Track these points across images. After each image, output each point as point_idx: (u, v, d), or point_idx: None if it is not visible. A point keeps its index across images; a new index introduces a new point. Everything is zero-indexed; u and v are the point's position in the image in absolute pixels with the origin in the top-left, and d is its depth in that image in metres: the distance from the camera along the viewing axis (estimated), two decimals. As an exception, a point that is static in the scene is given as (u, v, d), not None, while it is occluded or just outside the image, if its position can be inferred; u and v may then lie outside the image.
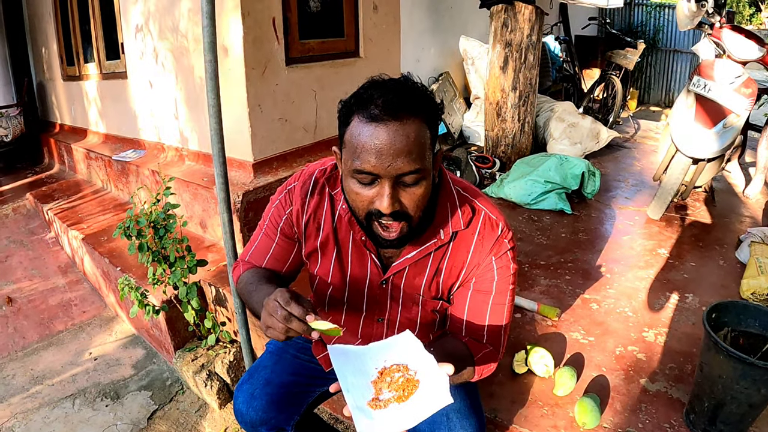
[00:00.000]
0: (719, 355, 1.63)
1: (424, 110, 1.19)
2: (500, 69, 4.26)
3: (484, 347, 1.44)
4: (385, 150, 1.14)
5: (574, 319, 2.48)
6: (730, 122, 3.16)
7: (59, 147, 5.95)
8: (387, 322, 1.59)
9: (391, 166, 1.15)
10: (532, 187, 3.76)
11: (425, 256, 1.42)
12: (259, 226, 1.62)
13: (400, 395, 1.09)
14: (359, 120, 1.17)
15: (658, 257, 3.04)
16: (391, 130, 1.14)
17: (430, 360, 1.10)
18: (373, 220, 1.24)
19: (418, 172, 1.18)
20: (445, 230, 1.39)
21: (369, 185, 1.20)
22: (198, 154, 3.80)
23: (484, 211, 1.42)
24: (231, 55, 3.11)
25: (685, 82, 9.82)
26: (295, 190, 1.49)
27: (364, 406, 1.08)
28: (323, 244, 1.50)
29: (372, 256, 1.45)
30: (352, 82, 3.91)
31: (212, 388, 2.71)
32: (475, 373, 1.41)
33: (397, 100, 1.15)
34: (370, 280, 1.49)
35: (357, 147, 1.17)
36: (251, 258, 1.61)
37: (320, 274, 1.54)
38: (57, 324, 3.59)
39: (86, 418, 2.75)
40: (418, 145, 1.16)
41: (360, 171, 1.17)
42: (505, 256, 1.41)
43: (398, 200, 1.20)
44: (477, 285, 1.44)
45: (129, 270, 3.20)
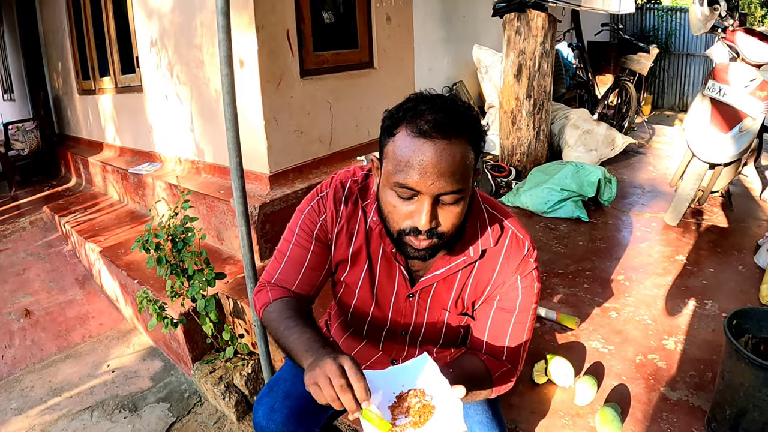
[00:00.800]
0: (741, 363, 1.61)
1: (471, 131, 1.18)
2: (514, 77, 4.25)
3: (502, 365, 1.43)
4: (430, 168, 1.12)
5: (593, 327, 2.46)
6: (746, 126, 3.13)
7: (75, 160, 6.00)
8: (410, 335, 1.58)
9: (434, 184, 1.13)
10: (549, 195, 3.75)
11: (454, 273, 1.42)
12: (284, 239, 1.54)
13: (416, 421, 1.09)
14: (406, 133, 1.15)
15: (676, 264, 3.01)
16: (438, 148, 1.12)
17: (445, 385, 1.10)
18: (407, 235, 1.23)
19: (459, 193, 1.17)
20: (474, 248, 1.39)
21: (407, 200, 1.18)
22: (214, 167, 3.83)
23: (511, 230, 1.42)
24: (246, 68, 3.13)
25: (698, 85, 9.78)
26: (328, 197, 1.46)
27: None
28: (355, 254, 1.48)
29: (401, 269, 1.44)
30: (367, 93, 4.00)
31: (230, 400, 2.71)
32: (493, 391, 1.41)
33: (447, 119, 1.13)
34: (397, 293, 1.48)
35: (401, 160, 1.15)
36: (280, 278, 1.52)
37: (348, 282, 1.52)
38: (75, 336, 3.61)
39: (105, 430, 2.76)
40: (462, 165, 1.15)
41: (402, 185, 1.15)
42: (530, 275, 1.41)
43: (435, 218, 1.19)
44: (501, 303, 1.43)
45: (146, 282, 3.22)
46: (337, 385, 1.04)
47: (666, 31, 10.14)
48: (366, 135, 4.12)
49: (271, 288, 1.51)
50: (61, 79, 6.41)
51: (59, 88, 6.55)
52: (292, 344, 1.30)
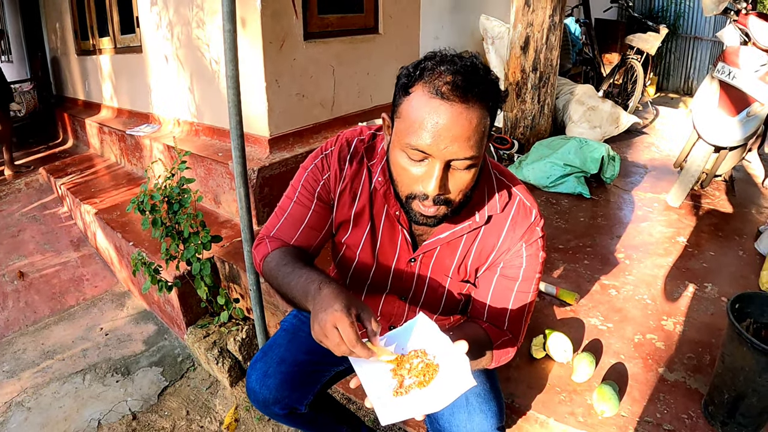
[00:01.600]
0: (743, 347, 1.59)
1: (490, 96, 1.13)
2: (521, 49, 4.19)
3: (503, 334, 1.41)
4: (445, 132, 1.08)
5: (592, 304, 2.45)
6: (754, 111, 3.09)
7: (73, 122, 5.95)
8: (410, 300, 1.56)
9: (447, 149, 1.09)
10: (551, 169, 3.72)
11: (458, 237, 1.39)
12: (286, 196, 1.51)
13: (421, 381, 1.07)
14: (423, 93, 1.10)
15: (677, 245, 2.99)
16: (455, 111, 1.07)
17: (446, 342, 1.08)
18: (415, 200, 1.19)
19: (471, 159, 1.13)
20: (480, 213, 1.36)
21: (418, 162, 1.15)
22: (213, 129, 3.78)
23: (519, 196, 1.39)
24: (249, 28, 3.08)
25: (705, 69, 9.71)
26: (333, 155, 1.43)
27: (385, 395, 1.06)
28: (357, 215, 1.45)
29: (404, 232, 1.41)
30: (370, 59, 3.95)
31: (224, 365, 2.70)
32: (493, 360, 1.40)
33: (467, 82, 1.08)
34: (399, 257, 1.46)
35: (416, 121, 1.10)
36: (279, 232, 1.50)
37: (349, 244, 1.50)
38: (68, 299, 3.59)
39: (96, 394, 2.75)
40: (478, 132, 1.11)
41: (414, 147, 1.11)
42: (535, 244, 1.39)
43: (445, 185, 1.15)
44: (504, 270, 1.41)
45: (142, 245, 3.19)
46: (341, 350, 1.06)
47: (675, 13, 10.02)
48: (368, 101, 4.07)
49: (270, 240, 1.50)
50: (59, 40, 6.33)
51: (57, 48, 6.47)
52: (292, 290, 1.29)
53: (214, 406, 2.66)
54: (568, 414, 1.82)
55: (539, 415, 1.83)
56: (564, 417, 1.81)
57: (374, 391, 1.06)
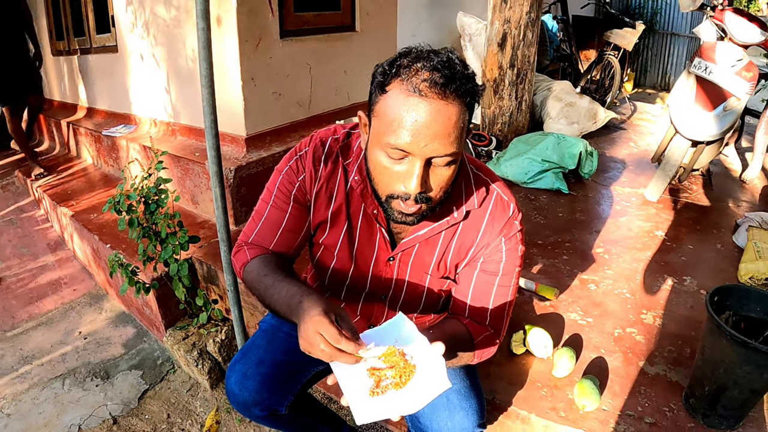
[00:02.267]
0: (722, 339, 1.60)
1: (468, 92, 1.11)
2: (498, 46, 4.19)
3: (485, 329, 1.41)
4: (424, 130, 1.07)
5: (572, 299, 2.45)
6: (730, 105, 3.13)
7: (49, 123, 5.87)
8: (390, 299, 1.55)
9: (427, 146, 1.08)
10: (529, 165, 3.73)
11: (436, 234, 1.39)
12: (262, 200, 1.49)
13: (398, 382, 1.07)
14: (400, 91, 1.08)
15: (656, 239, 3.02)
16: (434, 109, 1.06)
17: (424, 343, 1.08)
18: (395, 199, 1.18)
19: (451, 156, 1.12)
20: (458, 209, 1.36)
21: (398, 161, 1.13)
22: (189, 129, 3.75)
23: (496, 191, 1.39)
24: (224, 26, 3.05)
25: (681, 65, 9.80)
26: (307, 156, 1.41)
27: (361, 394, 1.06)
28: (334, 215, 1.44)
29: (382, 231, 1.41)
30: (348, 57, 3.93)
31: (204, 367, 2.67)
32: (476, 356, 1.39)
33: (444, 78, 1.07)
34: (377, 256, 1.45)
35: (394, 120, 1.09)
36: (258, 238, 1.49)
37: (326, 245, 1.48)
38: (46, 303, 3.54)
39: (76, 399, 2.71)
40: (457, 128, 1.10)
41: (393, 146, 1.10)
42: (514, 238, 1.39)
43: (426, 182, 1.14)
44: (484, 265, 1.41)
45: (119, 247, 3.15)
46: (327, 356, 1.05)
47: (651, 9, 10.10)
48: (345, 99, 4.05)
49: (249, 247, 1.49)
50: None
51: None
52: (274, 303, 1.30)
53: (195, 408, 2.63)
54: (550, 409, 1.82)
55: (521, 411, 1.83)
56: (545, 412, 1.81)
57: (350, 389, 1.06)
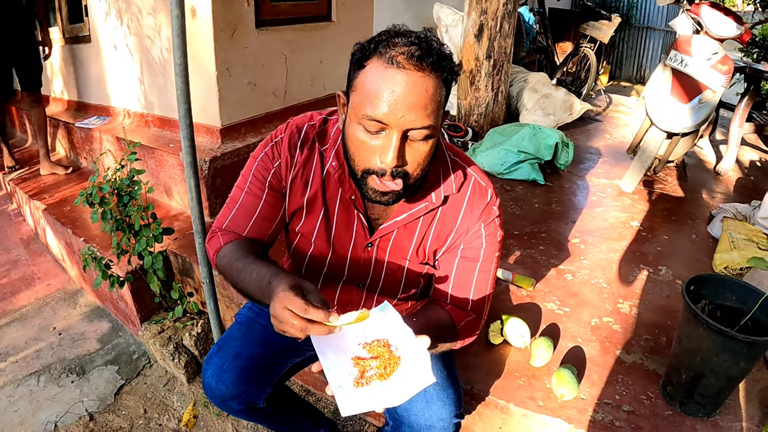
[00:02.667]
0: (699, 328, 1.62)
1: (444, 68, 1.13)
2: (475, 37, 4.19)
3: (467, 315, 1.41)
4: (402, 100, 1.08)
5: (548, 289, 2.47)
6: (705, 98, 3.16)
7: (20, 115, 5.75)
8: (368, 287, 1.55)
9: (404, 117, 1.09)
10: (506, 156, 3.73)
11: (415, 219, 1.39)
12: (237, 186, 1.49)
13: (382, 373, 1.07)
14: (378, 64, 1.10)
15: (631, 230, 3.04)
16: (411, 80, 1.07)
17: (409, 334, 1.07)
18: (371, 175, 1.18)
19: (428, 129, 1.12)
20: (436, 193, 1.36)
21: (375, 134, 1.13)
22: (163, 120, 3.70)
23: (474, 176, 1.40)
24: (199, 16, 3.00)
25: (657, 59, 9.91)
26: (283, 143, 1.40)
27: (346, 385, 1.06)
28: (310, 202, 1.43)
29: (360, 216, 1.40)
30: (324, 47, 3.90)
31: (180, 361, 2.64)
32: (458, 341, 1.39)
33: (422, 51, 1.08)
34: (355, 242, 1.44)
35: (371, 92, 1.10)
36: (231, 224, 1.48)
37: (303, 233, 1.47)
38: (20, 298, 3.47)
39: (52, 396, 2.66)
40: (434, 100, 1.11)
41: (370, 118, 1.10)
42: (493, 223, 1.39)
43: (402, 156, 1.14)
44: (465, 252, 1.41)
45: (93, 241, 3.10)
46: (299, 328, 1.02)
47: (628, 3, 10.18)
48: (321, 90, 4.02)
49: (222, 233, 1.47)
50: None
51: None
52: (246, 286, 1.29)
53: (172, 403, 2.60)
54: (528, 398, 1.83)
55: (499, 401, 1.84)
56: (524, 401, 1.82)
57: (335, 378, 1.05)
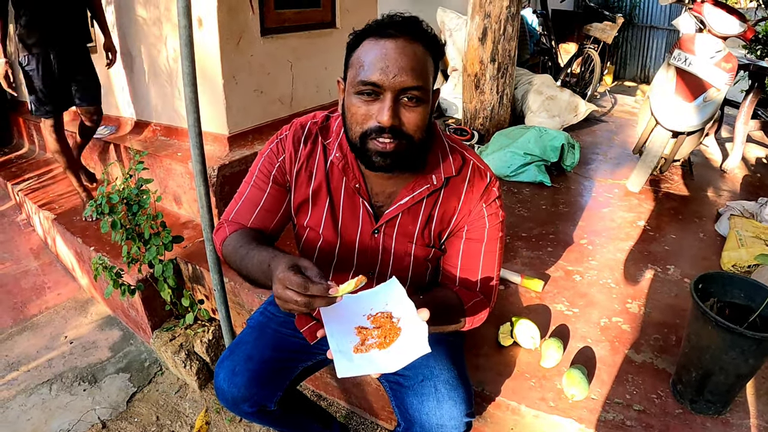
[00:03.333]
0: (708, 326, 1.62)
1: (430, 41, 1.25)
2: (479, 40, 4.20)
3: (475, 295, 1.45)
4: (392, 62, 1.18)
5: (557, 290, 2.47)
6: (710, 96, 3.16)
7: (28, 126, 5.78)
8: (377, 275, 1.56)
9: (396, 77, 1.18)
10: (512, 159, 3.74)
11: (418, 202, 1.43)
12: (245, 181, 1.57)
13: (382, 342, 1.14)
14: (371, 39, 1.23)
15: (638, 229, 3.04)
16: (399, 45, 1.20)
17: (411, 308, 1.13)
18: (370, 137, 1.24)
19: (420, 90, 1.21)
20: (437, 176, 1.41)
21: (371, 100, 1.22)
22: (171, 129, 3.73)
23: (472, 160, 1.46)
24: (205, 25, 3.03)
25: (660, 58, 9.88)
26: (287, 139, 1.48)
27: (345, 350, 1.13)
28: (315, 193, 1.48)
29: (365, 204, 1.44)
30: (328, 54, 3.92)
31: (192, 368, 2.66)
32: (467, 321, 1.43)
33: (410, 23, 1.23)
34: (362, 230, 1.48)
35: (365, 61, 1.21)
36: (237, 216, 1.54)
37: (311, 225, 1.52)
38: (31, 308, 3.50)
39: (64, 404, 2.68)
40: (423, 63, 1.22)
41: (365, 82, 1.20)
42: (494, 204, 1.45)
43: (398, 116, 1.22)
44: (469, 233, 1.46)
45: (103, 249, 3.11)
46: (302, 304, 1.05)
47: (630, 3, 10.17)
48: (327, 96, 4.05)
49: (228, 224, 1.54)
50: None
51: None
52: (250, 272, 1.33)
53: (184, 410, 2.62)
54: (539, 399, 1.83)
55: (510, 402, 1.84)
56: (535, 402, 1.82)
57: (337, 344, 1.12)
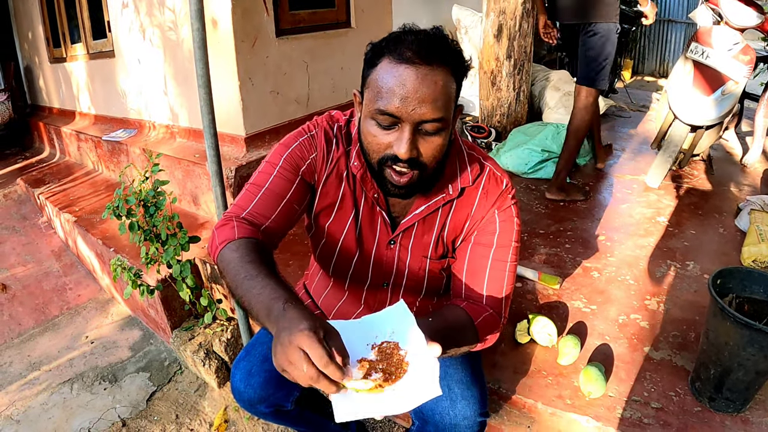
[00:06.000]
0: (726, 322, 1.60)
1: (454, 62, 1.17)
2: (494, 37, 4.19)
3: (483, 310, 1.36)
4: (412, 93, 1.11)
5: (575, 287, 2.45)
6: (728, 89, 3.12)
7: (49, 131, 5.87)
8: (392, 287, 1.55)
9: (415, 110, 1.12)
10: (529, 156, 3.72)
11: (434, 211, 1.40)
12: (262, 172, 1.39)
13: (387, 378, 1.00)
14: (389, 61, 1.14)
15: (658, 225, 3.01)
16: (420, 73, 1.11)
17: (420, 339, 1.02)
18: (387, 165, 1.21)
19: (440, 121, 1.15)
20: (453, 186, 1.37)
21: (388, 129, 1.17)
22: (189, 131, 3.76)
23: (489, 167, 1.41)
24: (220, 27, 3.06)
25: (678, 52, 9.76)
26: (318, 137, 1.40)
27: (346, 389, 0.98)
28: (342, 199, 1.42)
29: (382, 214, 1.41)
30: (344, 53, 3.93)
31: (210, 367, 2.68)
32: (479, 339, 1.33)
33: (430, 46, 1.12)
34: (379, 240, 1.45)
35: (383, 87, 1.14)
36: (254, 211, 1.35)
37: (332, 230, 1.46)
38: (52, 309, 3.55)
39: (85, 403, 2.72)
40: (444, 93, 1.14)
41: (382, 112, 1.14)
42: (508, 210, 1.39)
43: (416, 147, 1.17)
44: (478, 238, 1.41)
45: (123, 251, 3.15)
46: (308, 377, 0.91)
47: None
48: (343, 95, 4.06)
49: (239, 223, 1.31)
50: (31, 48, 6.23)
51: (30, 57, 6.38)
52: (251, 298, 1.12)
53: (203, 408, 2.64)
54: (556, 397, 1.83)
55: (527, 400, 1.83)
56: (551, 400, 1.81)
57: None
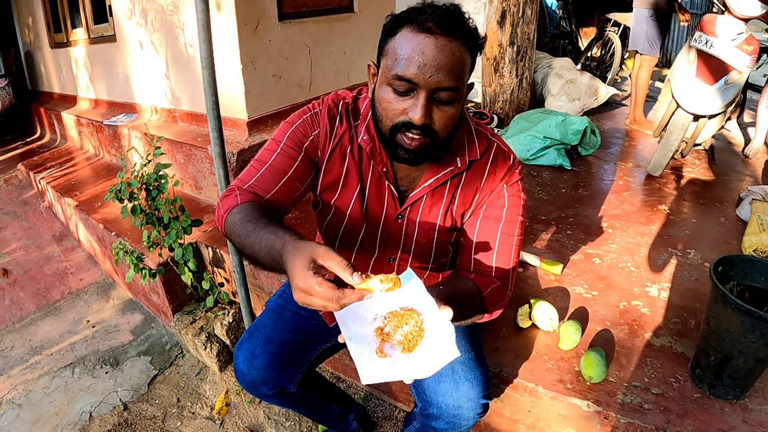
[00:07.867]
0: (727, 309, 1.60)
1: (470, 37, 1.20)
2: (497, 24, 4.17)
3: (492, 282, 1.39)
4: (430, 60, 1.14)
5: (576, 273, 2.46)
6: (732, 79, 3.11)
7: (50, 116, 5.86)
8: (399, 261, 1.56)
9: (432, 77, 1.15)
10: (532, 142, 3.73)
11: (442, 184, 1.41)
12: (267, 149, 1.43)
13: (405, 345, 1.05)
14: (409, 30, 1.17)
15: (659, 213, 3.01)
16: (440, 43, 1.15)
17: (432, 305, 1.03)
18: (399, 131, 1.23)
19: (455, 90, 1.18)
20: (462, 159, 1.39)
21: (404, 95, 1.20)
22: (190, 115, 3.75)
23: (496, 143, 1.44)
24: (223, 11, 3.04)
25: (682, 41, 9.72)
26: (322, 114, 1.42)
27: (367, 353, 1.04)
28: (347, 175, 1.44)
29: (390, 188, 1.42)
30: (346, 38, 3.92)
31: (212, 350, 2.68)
32: (487, 310, 1.36)
33: (450, 18, 1.16)
34: (387, 214, 1.46)
35: (402, 54, 1.17)
36: (257, 183, 1.38)
37: (338, 206, 1.47)
38: (54, 293, 3.55)
39: (86, 386, 2.73)
40: (460, 64, 1.18)
41: (400, 77, 1.17)
42: (516, 185, 1.42)
43: (430, 115, 1.19)
44: (487, 212, 1.43)
45: (124, 235, 3.15)
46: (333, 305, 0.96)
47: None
48: (346, 80, 4.06)
49: (241, 192, 1.36)
50: (32, 34, 6.21)
51: (30, 42, 6.35)
52: (255, 249, 1.17)
53: (204, 391, 2.65)
54: (557, 381, 1.83)
55: (528, 384, 1.84)
56: (552, 384, 1.82)
57: (357, 348, 1.04)
